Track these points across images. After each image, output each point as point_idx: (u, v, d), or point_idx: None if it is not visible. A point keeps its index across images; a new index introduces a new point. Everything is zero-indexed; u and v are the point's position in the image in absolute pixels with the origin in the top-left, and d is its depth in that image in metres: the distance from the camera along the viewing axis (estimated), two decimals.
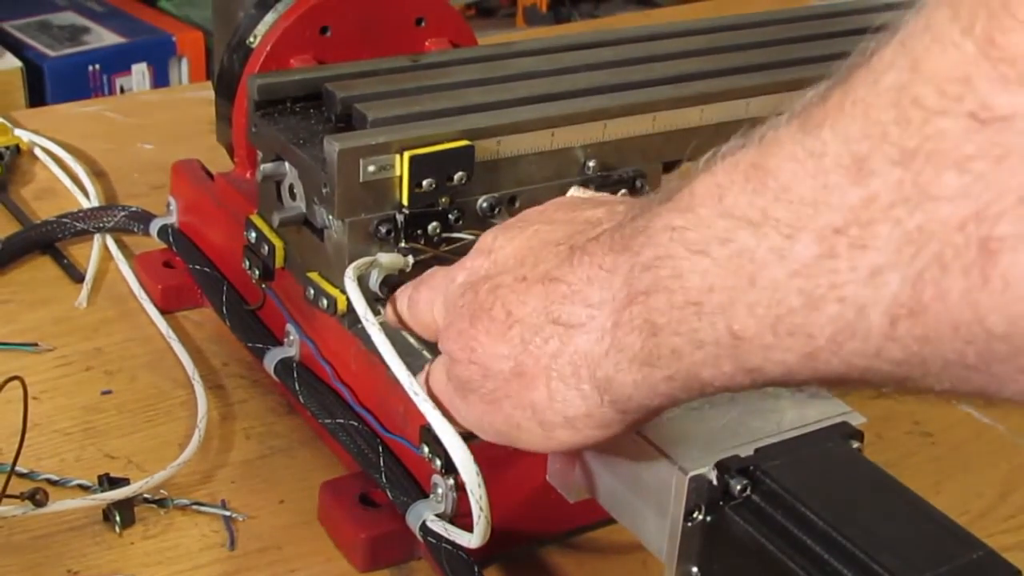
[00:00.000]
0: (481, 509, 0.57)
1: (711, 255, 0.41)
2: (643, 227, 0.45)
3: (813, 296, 0.37)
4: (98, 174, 1.01)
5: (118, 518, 0.65)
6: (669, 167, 0.77)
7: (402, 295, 0.60)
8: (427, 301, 0.57)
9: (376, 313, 0.61)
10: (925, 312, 0.35)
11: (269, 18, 0.78)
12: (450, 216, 0.68)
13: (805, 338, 0.38)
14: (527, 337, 0.49)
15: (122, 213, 0.91)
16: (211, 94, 0.83)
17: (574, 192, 0.65)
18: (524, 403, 0.50)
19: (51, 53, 1.97)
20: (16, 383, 0.59)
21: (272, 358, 0.74)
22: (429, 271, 0.59)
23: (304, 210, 0.70)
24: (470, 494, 0.56)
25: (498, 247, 0.53)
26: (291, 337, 0.74)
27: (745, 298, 0.39)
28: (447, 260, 0.67)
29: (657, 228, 0.44)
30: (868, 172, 0.36)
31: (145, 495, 0.66)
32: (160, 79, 2.04)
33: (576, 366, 0.47)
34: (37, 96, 1.90)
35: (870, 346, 0.37)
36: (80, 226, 0.90)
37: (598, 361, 0.46)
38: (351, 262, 0.64)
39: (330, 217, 0.68)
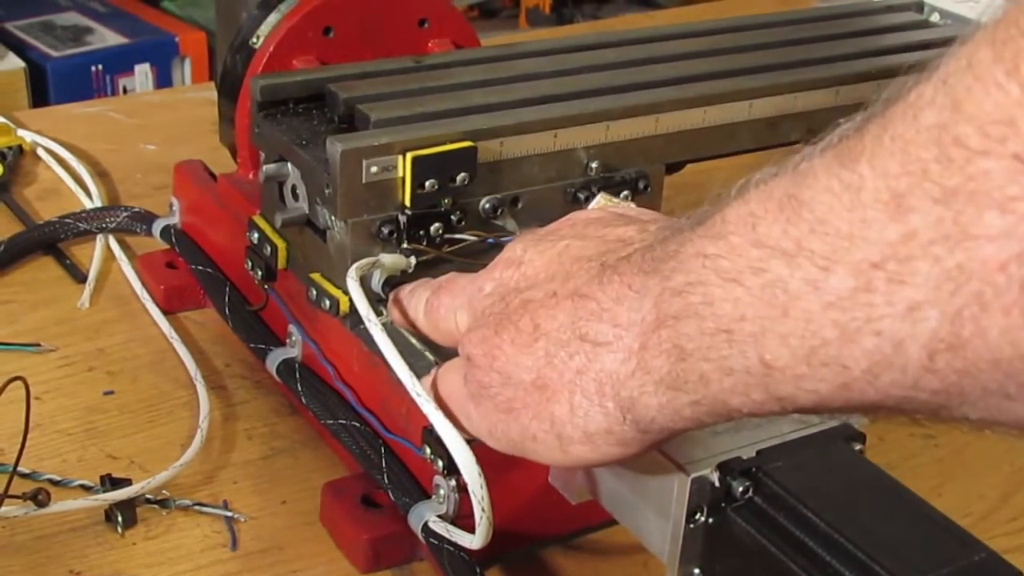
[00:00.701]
0: (483, 510, 0.56)
1: (743, 284, 0.40)
2: (674, 251, 0.44)
3: (848, 329, 0.37)
4: (101, 174, 1.01)
5: (120, 518, 0.65)
6: (672, 168, 0.77)
7: (415, 298, 0.60)
8: (448, 308, 0.56)
9: (379, 314, 0.61)
10: (965, 347, 0.35)
11: (272, 19, 0.78)
12: (452, 217, 0.68)
13: (840, 369, 0.38)
14: (552, 351, 0.49)
15: (124, 213, 0.91)
16: (214, 95, 0.83)
17: (600, 200, 0.65)
18: (544, 415, 0.49)
19: (54, 53, 1.97)
20: (18, 383, 0.59)
21: (274, 359, 0.74)
22: (446, 277, 0.59)
23: (307, 211, 0.70)
24: (472, 495, 0.56)
25: (528, 260, 0.53)
26: (293, 338, 0.74)
27: (778, 328, 0.39)
28: (450, 261, 0.67)
29: (688, 254, 0.43)
30: (907, 209, 0.35)
31: (147, 495, 0.66)
32: (163, 80, 2.04)
33: (600, 384, 0.47)
34: (40, 96, 1.90)
35: (908, 377, 0.37)
36: (82, 226, 0.91)
37: (623, 381, 0.46)
38: (353, 263, 0.64)
39: (332, 218, 0.68)
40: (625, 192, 0.73)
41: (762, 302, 0.40)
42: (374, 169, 0.66)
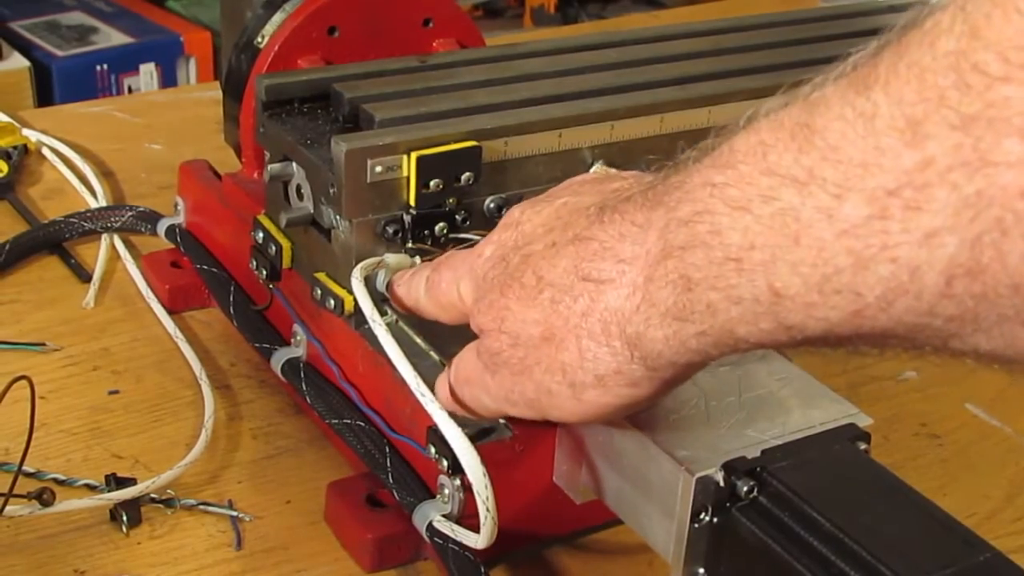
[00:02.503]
0: (488, 510, 0.57)
1: (753, 212, 0.40)
2: (679, 183, 0.44)
3: (863, 256, 0.37)
4: (106, 174, 1.01)
5: (125, 518, 0.65)
6: None
7: (415, 280, 0.60)
8: (450, 281, 0.56)
9: (383, 314, 0.61)
10: (984, 272, 0.35)
11: (277, 18, 0.78)
12: (457, 217, 0.68)
13: (853, 296, 0.38)
14: (557, 298, 0.49)
15: (130, 213, 0.91)
16: (219, 94, 0.83)
17: (598, 167, 0.65)
18: (555, 366, 0.49)
19: (59, 53, 1.97)
20: (23, 383, 0.59)
21: (279, 358, 0.74)
22: (445, 254, 0.59)
23: (311, 210, 0.70)
24: (477, 495, 0.56)
25: (526, 219, 0.53)
26: (298, 337, 0.74)
27: (788, 257, 0.39)
28: None
29: (695, 184, 0.43)
30: (924, 136, 0.35)
31: (152, 495, 0.67)
32: (168, 79, 2.04)
33: (606, 323, 0.47)
34: (45, 96, 1.90)
35: (923, 304, 0.37)
36: (88, 226, 0.91)
37: (628, 317, 0.46)
38: (358, 262, 0.64)
39: (337, 217, 0.68)
40: None
41: (773, 231, 0.40)
42: (379, 169, 0.66)
